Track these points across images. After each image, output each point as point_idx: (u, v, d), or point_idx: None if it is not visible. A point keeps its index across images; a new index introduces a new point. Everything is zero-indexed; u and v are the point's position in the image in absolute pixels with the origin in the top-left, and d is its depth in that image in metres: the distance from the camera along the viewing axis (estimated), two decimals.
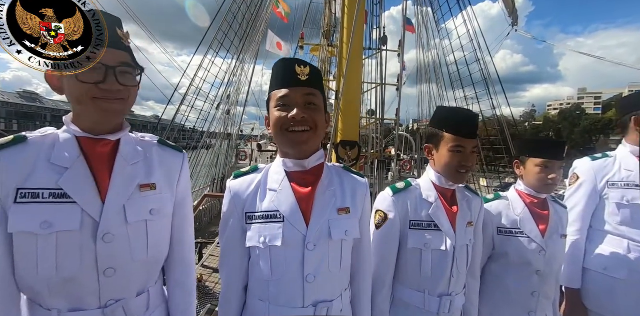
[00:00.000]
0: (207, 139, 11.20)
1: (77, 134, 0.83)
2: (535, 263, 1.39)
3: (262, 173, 1.00)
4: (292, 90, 0.91)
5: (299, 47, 11.93)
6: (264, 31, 11.75)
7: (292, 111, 0.89)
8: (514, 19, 11.92)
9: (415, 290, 1.22)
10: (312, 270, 0.91)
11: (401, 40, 9.17)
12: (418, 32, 13.51)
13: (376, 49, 8.13)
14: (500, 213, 1.47)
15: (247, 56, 11.62)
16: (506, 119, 12.10)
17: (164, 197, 0.92)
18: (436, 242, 1.20)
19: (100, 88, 0.80)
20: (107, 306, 0.81)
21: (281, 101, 0.91)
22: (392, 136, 11.52)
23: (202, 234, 7.99)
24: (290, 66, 0.91)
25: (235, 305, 1.00)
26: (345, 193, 1.00)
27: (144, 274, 0.89)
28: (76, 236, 0.77)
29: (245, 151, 15.98)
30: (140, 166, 0.90)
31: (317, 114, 0.92)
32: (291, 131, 0.91)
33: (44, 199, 0.76)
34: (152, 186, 0.89)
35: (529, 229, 1.41)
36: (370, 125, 8.79)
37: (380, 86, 7.72)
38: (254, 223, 0.94)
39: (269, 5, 11.46)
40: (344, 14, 6.38)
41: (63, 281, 0.77)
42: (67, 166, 0.79)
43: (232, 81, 11.16)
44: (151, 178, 0.90)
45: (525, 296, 1.39)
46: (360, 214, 1.02)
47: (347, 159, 5.95)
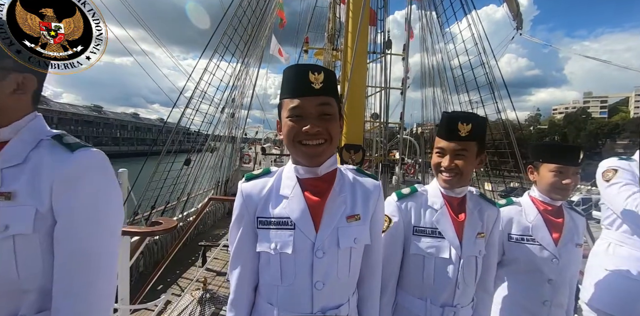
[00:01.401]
0: (211, 142, 11.25)
1: None
2: (547, 272, 1.35)
3: (274, 178, 0.99)
4: (305, 100, 0.87)
5: (304, 51, 11.99)
6: (269, 36, 11.84)
7: (305, 124, 0.86)
8: (518, 23, 11.90)
9: (417, 297, 1.19)
10: (321, 278, 0.90)
11: (405, 44, 9.19)
12: (422, 36, 13.54)
13: (381, 53, 8.13)
14: (512, 219, 1.43)
15: (252, 60, 11.70)
16: (511, 123, 12.03)
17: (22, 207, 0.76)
18: (440, 250, 1.16)
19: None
20: None
21: (294, 112, 0.87)
22: (397, 140, 11.49)
23: (206, 237, 7.99)
24: (304, 73, 0.86)
25: (246, 307, 1.00)
26: (357, 199, 0.98)
27: None
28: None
29: (250, 154, 16.01)
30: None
31: (332, 125, 0.89)
32: (305, 144, 0.89)
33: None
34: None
35: (541, 237, 1.37)
36: (375, 129, 8.78)
37: (385, 90, 7.71)
38: (265, 228, 0.93)
39: (273, 10, 11.55)
40: (349, 18, 6.41)
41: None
42: None
43: (237, 85, 11.23)
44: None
45: (537, 305, 1.36)
46: (372, 217, 1.00)
47: (351, 163, 5.94)
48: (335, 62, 13.26)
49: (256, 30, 10.47)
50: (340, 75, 7.79)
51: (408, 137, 17.49)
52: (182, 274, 5.92)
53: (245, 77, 11.86)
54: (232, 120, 12.23)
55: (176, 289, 4.71)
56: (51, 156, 0.78)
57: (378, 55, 8.21)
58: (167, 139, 8.99)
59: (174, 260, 2.80)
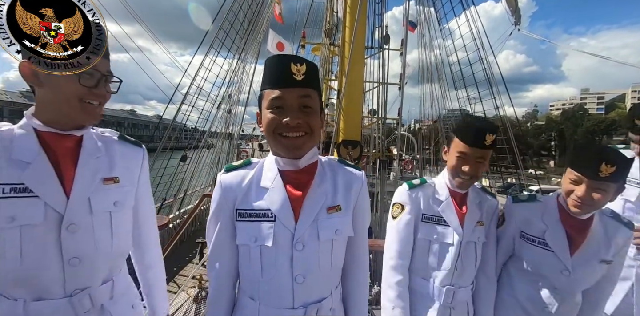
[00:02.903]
0: (208, 138, 11.18)
1: (40, 128, 0.84)
2: (554, 282, 1.24)
3: (255, 169, 0.96)
4: (286, 91, 0.85)
5: (301, 46, 11.90)
6: (266, 30, 11.73)
7: (286, 116, 0.85)
8: (516, 19, 11.85)
9: (422, 277, 1.32)
10: (301, 271, 0.88)
11: (404, 39, 9.13)
12: (420, 31, 13.47)
13: (378, 48, 8.07)
14: (528, 219, 1.29)
15: (248, 55, 11.61)
16: (509, 119, 12.02)
17: (126, 190, 0.96)
18: (444, 236, 1.29)
19: (93, 93, 0.85)
20: (72, 295, 0.84)
21: (274, 103, 0.86)
22: (394, 136, 11.47)
23: (204, 234, 7.95)
24: (286, 63, 0.84)
25: (226, 303, 0.97)
26: (338, 189, 0.96)
27: (108, 263, 0.92)
28: (40, 229, 0.80)
29: (247, 150, 15.96)
30: (103, 160, 0.93)
31: (312, 118, 0.88)
32: (285, 136, 0.87)
33: (6, 195, 0.77)
34: (116, 179, 0.93)
35: (553, 244, 1.23)
36: (372, 125, 8.75)
37: (383, 86, 7.67)
38: (244, 221, 0.90)
39: (270, 4, 11.44)
40: (346, 13, 6.35)
41: (28, 271, 0.79)
42: (29, 160, 0.81)
43: (234, 81, 11.14)
44: (113, 172, 0.93)
45: (537, 309, 1.26)
46: (355, 208, 0.98)
47: (349, 159, 5.91)
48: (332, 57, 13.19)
49: (252, 25, 10.37)
50: (338, 70, 7.75)
51: (406, 133, 17.48)
52: (179, 271, 5.90)
53: (242, 73, 11.78)
54: (229, 116, 12.16)
55: (173, 286, 4.68)
56: (129, 149, 1.01)
57: (376, 50, 8.15)
58: (164, 135, 8.93)
59: (171, 257, 2.77)
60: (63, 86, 0.82)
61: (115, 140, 1.00)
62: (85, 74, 0.82)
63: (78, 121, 0.87)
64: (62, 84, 0.82)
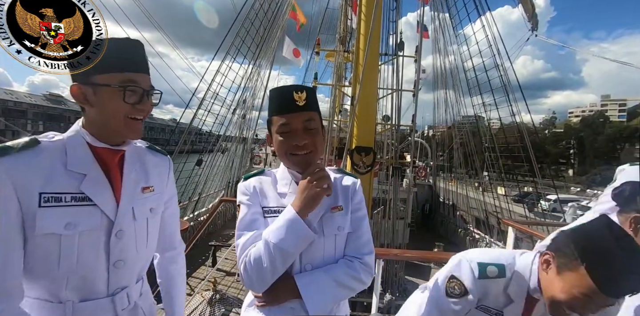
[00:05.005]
0: (223, 143, 11.36)
1: (93, 143, 0.90)
2: None
3: (270, 178, 1.10)
4: (291, 117, 0.98)
5: (315, 53, 12.02)
6: (281, 37, 11.91)
7: (294, 139, 0.98)
8: (534, 24, 11.70)
9: None
10: (308, 260, 0.99)
11: (418, 46, 9.11)
12: (435, 37, 13.42)
13: (393, 55, 8.08)
14: (490, 293, 1.12)
15: (263, 61, 11.79)
16: (526, 126, 11.80)
17: (159, 197, 1.04)
18: None
19: (137, 108, 0.89)
20: (114, 294, 0.91)
21: (282, 129, 0.99)
22: (408, 143, 11.39)
23: (216, 237, 8.04)
24: (288, 93, 0.98)
25: None
26: (338, 194, 1.09)
27: (143, 263, 1.02)
28: (94, 235, 0.86)
29: (260, 155, 16.11)
30: (140, 170, 1.00)
31: (316, 137, 1.01)
32: (295, 155, 1.00)
33: (68, 203, 0.82)
34: (151, 188, 1.00)
35: None
36: (386, 131, 8.72)
37: (397, 92, 7.66)
38: (269, 217, 1.02)
39: (285, 12, 11.63)
40: (361, 20, 6.40)
41: (80, 275, 0.85)
42: (85, 172, 0.86)
43: (249, 86, 11.33)
44: (149, 181, 1.01)
45: None
46: (351, 209, 1.09)
47: (362, 166, 5.90)
48: (346, 64, 13.24)
49: (268, 32, 10.56)
50: (352, 77, 7.77)
51: (420, 139, 17.31)
52: (192, 273, 5.97)
53: (256, 78, 11.97)
54: (243, 121, 12.34)
55: (186, 288, 4.75)
56: (158, 158, 1.08)
57: (390, 57, 8.16)
58: (180, 139, 9.11)
59: None
60: (108, 105, 0.86)
61: (145, 149, 1.07)
62: (128, 91, 0.86)
63: (124, 136, 0.93)
64: (107, 103, 0.86)
